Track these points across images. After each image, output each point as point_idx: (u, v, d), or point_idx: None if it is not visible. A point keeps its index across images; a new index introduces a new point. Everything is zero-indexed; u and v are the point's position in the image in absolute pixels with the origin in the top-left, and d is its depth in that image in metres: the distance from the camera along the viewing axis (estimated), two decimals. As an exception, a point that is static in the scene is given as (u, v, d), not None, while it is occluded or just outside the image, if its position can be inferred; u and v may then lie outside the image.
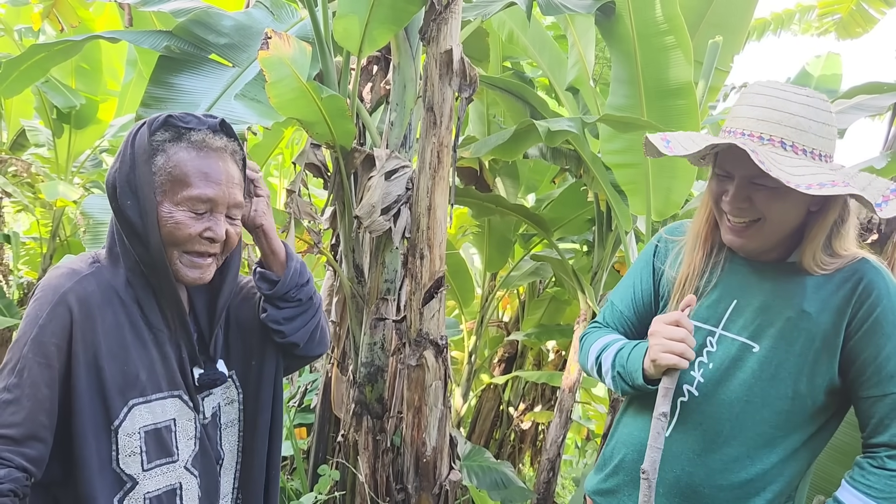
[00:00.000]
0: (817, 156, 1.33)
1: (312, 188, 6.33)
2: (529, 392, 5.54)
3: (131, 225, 1.22)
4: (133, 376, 1.22)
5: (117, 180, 1.23)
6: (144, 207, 1.21)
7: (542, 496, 4.01)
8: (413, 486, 2.94)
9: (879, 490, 1.34)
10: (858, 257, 1.41)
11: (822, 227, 1.38)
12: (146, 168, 1.21)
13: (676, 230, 1.63)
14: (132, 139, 1.24)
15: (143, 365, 1.24)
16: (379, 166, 2.93)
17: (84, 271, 1.22)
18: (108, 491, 1.20)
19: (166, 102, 2.78)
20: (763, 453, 1.42)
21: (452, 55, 2.75)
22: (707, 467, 1.44)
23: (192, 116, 1.26)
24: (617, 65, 3.37)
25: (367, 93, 3.54)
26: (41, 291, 1.19)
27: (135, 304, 1.25)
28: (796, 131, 1.32)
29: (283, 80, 2.43)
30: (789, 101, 1.34)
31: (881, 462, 1.35)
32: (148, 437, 1.24)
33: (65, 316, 1.17)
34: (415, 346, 2.88)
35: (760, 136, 1.34)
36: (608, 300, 1.73)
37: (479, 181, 4.34)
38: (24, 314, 1.19)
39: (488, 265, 4.91)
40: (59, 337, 1.16)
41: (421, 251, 2.86)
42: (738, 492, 1.43)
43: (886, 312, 1.36)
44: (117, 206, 1.23)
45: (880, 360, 1.35)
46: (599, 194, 3.97)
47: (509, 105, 4.08)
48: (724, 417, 1.44)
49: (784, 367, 1.41)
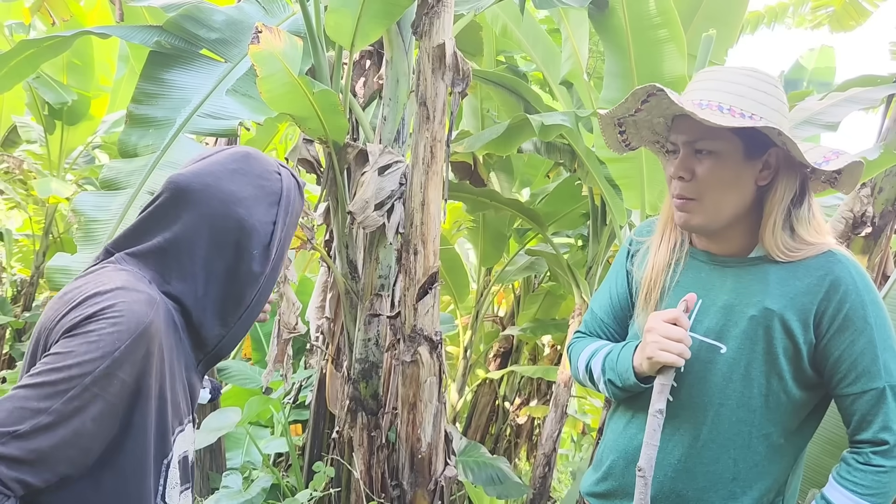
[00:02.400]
0: (757, 118, 1.31)
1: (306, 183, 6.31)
2: (525, 387, 5.54)
3: (244, 276, 1.19)
4: (177, 404, 1.15)
5: (274, 235, 1.22)
6: (276, 266, 1.22)
7: (538, 491, 4.01)
8: (408, 483, 2.94)
9: (866, 486, 1.33)
10: (825, 250, 1.38)
11: (774, 202, 1.36)
12: (293, 232, 1.25)
13: (644, 230, 1.61)
14: (292, 199, 1.25)
15: (181, 391, 1.17)
16: (372, 161, 2.91)
17: (155, 296, 1.11)
18: None
19: (157, 98, 2.77)
20: (744, 453, 1.40)
21: (445, 49, 2.74)
22: (689, 472, 1.42)
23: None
24: (610, 58, 3.36)
25: (359, 87, 3.52)
26: (121, 317, 1.03)
27: (182, 328, 1.16)
28: (734, 96, 1.32)
29: (274, 75, 2.41)
30: (732, 72, 1.36)
31: (866, 458, 1.35)
32: (180, 465, 1.18)
33: (143, 351, 1.04)
34: (409, 341, 2.87)
35: (700, 102, 1.34)
36: (589, 307, 1.72)
37: (473, 176, 4.33)
38: (89, 331, 1.02)
39: (483, 260, 4.90)
40: (130, 374, 1.03)
41: (415, 247, 2.85)
42: (723, 492, 1.41)
43: (856, 307, 1.34)
44: (241, 254, 1.18)
45: (854, 356, 1.34)
46: (594, 188, 3.97)
47: (503, 99, 4.07)
48: (700, 422, 1.42)
49: (754, 367, 1.38)
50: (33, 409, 0.97)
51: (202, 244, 1.16)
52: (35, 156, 6.02)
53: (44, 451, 0.97)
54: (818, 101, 3.67)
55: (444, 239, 4.62)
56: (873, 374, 1.34)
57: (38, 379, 1.00)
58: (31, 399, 0.98)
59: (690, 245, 1.51)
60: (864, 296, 1.36)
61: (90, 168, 5.98)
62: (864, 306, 1.35)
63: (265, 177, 1.22)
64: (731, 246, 1.45)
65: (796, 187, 1.37)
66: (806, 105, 3.67)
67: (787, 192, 1.36)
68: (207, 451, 3.70)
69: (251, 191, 1.20)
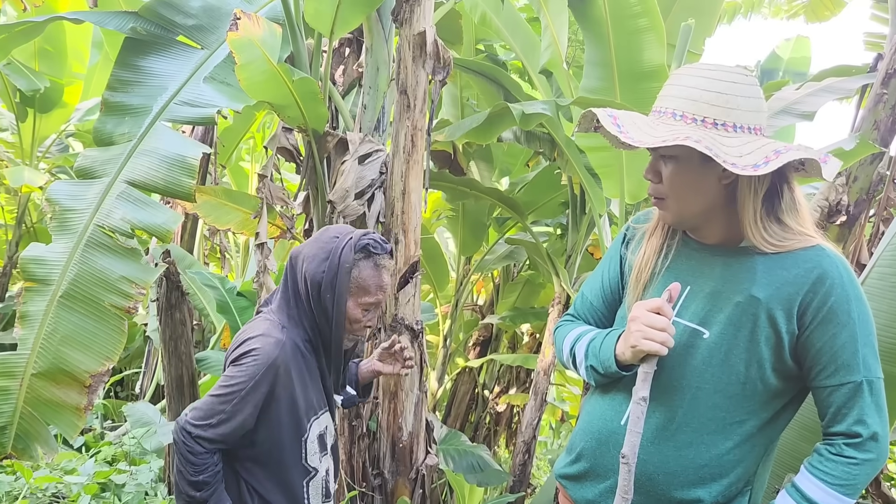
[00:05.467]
0: (747, 129, 1.35)
1: (285, 172, 6.26)
2: (504, 375, 5.57)
3: (324, 311, 1.78)
4: (311, 402, 1.82)
5: (324, 280, 1.76)
6: (339, 302, 1.76)
7: (517, 478, 4.04)
8: (389, 471, 2.95)
9: (836, 477, 1.36)
10: (813, 244, 1.40)
11: (745, 198, 1.38)
12: (346, 277, 1.76)
13: (642, 217, 1.64)
14: (340, 252, 1.76)
15: (314, 393, 1.84)
16: (352, 150, 2.90)
17: (282, 338, 1.75)
18: (300, 477, 1.82)
19: (133, 86, 2.73)
20: (717, 439, 1.42)
21: (426, 37, 2.73)
22: (661, 454, 1.44)
23: (379, 244, 1.80)
24: (590, 47, 3.36)
25: (339, 75, 3.49)
26: (261, 356, 1.71)
27: (309, 353, 1.82)
28: (689, 101, 1.36)
29: (253, 63, 2.39)
30: (695, 75, 1.38)
31: (839, 449, 1.37)
32: (319, 440, 1.85)
33: (273, 375, 1.72)
34: (390, 331, 2.87)
35: (658, 110, 1.41)
36: (580, 291, 1.74)
37: (453, 165, 4.32)
38: (244, 364, 1.72)
39: (463, 249, 4.91)
40: (267, 388, 1.72)
41: (395, 236, 2.85)
42: (693, 477, 1.43)
43: (841, 301, 1.36)
44: (318, 296, 1.77)
45: (835, 349, 1.36)
46: (573, 177, 3.98)
47: (483, 88, 4.06)
48: (676, 404, 1.44)
49: (734, 353, 1.40)
50: (218, 410, 1.71)
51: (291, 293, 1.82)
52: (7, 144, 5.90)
53: (225, 433, 1.72)
54: (794, 91, 3.71)
55: (424, 228, 4.60)
56: (852, 368, 1.36)
57: (219, 391, 1.73)
58: (215, 403, 1.72)
59: (684, 233, 1.53)
60: (850, 291, 1.38)
61: (64, 157, 5.88)
62: (849, 301, 1.37)
63: (325, 240, 1.81)
64: (716, 236, 1.47)
65: (768, 180, 1.38)
66: (782, 95, 3.71)
67: (759, 185, 1.38)
68: (187, 441, 3.67)
69: (314, 251, 1.80)
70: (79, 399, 2.36)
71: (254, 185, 5.82)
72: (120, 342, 2.39)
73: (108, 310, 2.38)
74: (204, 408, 1.73)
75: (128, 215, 2.44)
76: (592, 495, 1.55)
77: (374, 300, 1.80)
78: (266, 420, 1.75)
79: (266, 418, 1.75)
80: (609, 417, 1.53)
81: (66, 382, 2.34)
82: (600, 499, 1.52)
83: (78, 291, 2.37)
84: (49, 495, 3.51)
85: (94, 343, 2.36)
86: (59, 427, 2.38)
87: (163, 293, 3.94)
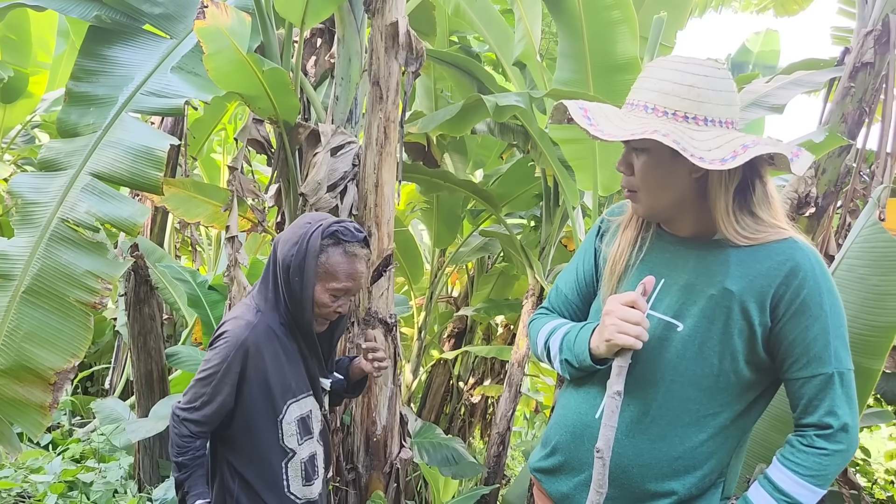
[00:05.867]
0: (718, 123, 1.35)
1: (256, 165, 6.19)
2: (479, 366, 5.57)
3: (292, 293, 1.81)
4: (288, 385, 1.85)
5: (292, 263, 1.79)
6: (306, 286, 1.79)
7: (492, 470, 4.05)
8: (363, 466, 2.93)
9: (807, 468, 1.37)
10: (786, 236, 1.40)
11: (715, 191, 1.38)
12: (313, 261, 1.78)
13: (617, 210, 1.64)
14: (308, 237, 1.79)
15: (293, 377, 1.87)
16: (324, 142, 2.86)
17: (254, 320, 1.81)
18: (278, 458, 1.85)
19: (98, 75, 2.67)
20: (691, 432, 1.43)
21: (398, 28, 2.70)
22: (635, 447, 1.44)
23: (349, 231, 1.82)
24: (563, 39, 3.36)
25: (310, 66, 3.44)
26: (230, 337, 1.79)
27: (285, 337, 1.85)
28: (660, 94, 1.36)
29: (221, 52, 2.34)
30: (667, 68, 1.37)
31: (810, 441, 1.38)
32: (299, 423, 1.87)
33: (244, 355, 1.78)
34: (364, 324, 2.85)
35: (631, 103, 1.41)
36: (555, 284, 1.73)
37: (426, 157, 4.30)
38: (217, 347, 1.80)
39: (437, 241, 4.89)
40: (239, 368, 1.78)
41: (369, 228, 2.82)
42: (667, 470, 1.44)
43: (813, 294, 1.36)
44: (287, 279, 1.80)
45: (807, 341, 1.37)
46: (547, 170, 3.98)
47: (456, 80, 4.04)
48: (650, 398, 1.44)
49: (707, 346, 1.41)
50: (200, 393, 1.80)
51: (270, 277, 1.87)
52: (-31, 135, 5.75)
53: (208, 414, 1.80)
54: (764, 84, 3.75)
55: (398, 220, 4.58)
56: (824, 360, 1.37)
57: (199, 376, 1.82)
58: (198, 387, 1.81)
59: (658, 226, 1.53)
60: (822, 283, 1.38)
61: (30, 148, 5.76)
62: (821, 293, 1.38)
63: (299, 225, 1.84)
64: (689, 229, 1.47)
65: (739, 174, 1.38)
66: (752, 88, 3.75)
67: (729, 179, 1.38)
68: (157, 438, 3.62)
69: (288, 236, 1.84)
70: (43, 397, 2.31)
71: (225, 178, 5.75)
72: (86, 338, 2.34)
73: (73, 305, 2.33)
74: (189, 392, 1.84)
75: (93, 208, 2.39)
76: (567, 489, 1.55)
77: (342, 286, 1.81)
78: (238, 400, 1.81)
79: (238, 398, 1.81)
80: (583, 411, 1.53)
81: (29, 380, 2.29)
82: (575, 492, 1.53)
83: (42, 287, 2.31)
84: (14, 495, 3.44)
85: (59, 339, 2.31)
86: (22, 426, 2.32)
87: (131, 288, 3.88)
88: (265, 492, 1.84)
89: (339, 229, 1.81)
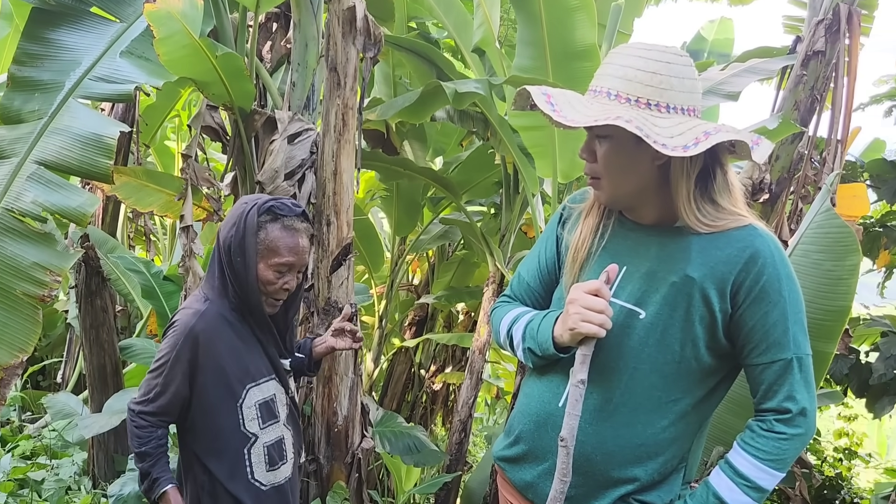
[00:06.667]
0: (680, 110, 1.36)
1: (212, 152, 6.06)
2: (440, 354, 5.58)
3: (237, 275, 1.80)
4: (246, 369, 1.84)
5: (232, 244, 1.79)
6: (248, 265, 1.78)
7: (454, 457, 4.06)
8: (325, 457, 2.91)
9: (767, 452, 1.39)
10: (746, 223, 1.42)
11: (678, 178, 1.39)
12: (252, 239, 1.78)
13: (578, 197, 1.63)
14: (245, 216, 1.79)
15: (251, 361, 1.86)
16: (281, 129, 2.81)
17: (202, 308, 1.81)
18: (240, 444, 1.83)
19: (43, 60, 2.57)
20: (653, 418, 1.44)
21: (356, 12, 2.65)
22: (598, 435, 1.45)
23: (286, 206, 1.82)
24: (522, 26, 3.34)
25: (266, 52, 3.37)
26: (179, 326, 1.79)
27: (238, 322, 1.84)
28: (623, 81, 1.36)
29: (172, 37, 2.28)
30: (629, 55, 1.38)
31: (770, 425, 1.40)
32: (261, 407, 1.86)
33: (193, 343, 1.77)
34: (323, 314, 2.82)
35: (594, 90, 1.40)
36: (517, 272, 1.73)
37: (386, 144, 4.26)
38: (167, 336, 1.81)
39: (397, 229, 4.86)
40: (189, 356, 1.77)
41: (327, 217, 2.79)
42: (630, 456, 1.45)
43: (772, 280, 1.38)
44: (229, 260, 1.80)
45: (767, 327, 1.39)
46: (507, 157, 3.98)
47: (415, 66, 4.00)
48: (613, 385, 1.45)
49: (669, 333, 1.42)
50: (153, 385, 1.81)
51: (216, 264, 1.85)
52: None
53: (163, 405, 1.80)
54: (719, 72, 3.80)
55: (358, 208, 4.53)
56: (783, 346, 1.39)
57: (151, 368, 1.82)
58: (150, 379, 1.82)
59: (620, 213, 1.53)
60: (781, 270, 1.40)
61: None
62: (780, 280, 1.39)
63: (236, 206, 1.84)
64: (651, 217, 1.48)
65: (701, 161, 1.39)
66: (708, 75, 3.79)
67: (691, 167, 1.38)
68: (111, 433, 3.53)
69: (227, 219, 1.84)
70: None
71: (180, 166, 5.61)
72: (34, 333, 2.26)
73: (20, 299, 2.25)
74: (143, 386, 1.84)
75: (39, 198, 2.31)
76: (531, 477, 1.55)
77: (284, 261, 1.80)
78: (194, 389, 1.81)
79: (194, 387, 1.81)
80: (547, 399, 1.53)
81: (-26, 377, 2.21)
82: (538, 481, 1.53)
83: (-14, 280, 2.22)
84: (-39, 494, 3.33)
85: (6, 334, 2.22)
86: (-32, 424, 2.24)
87: (82, 279, 3.77)
88: (230, 482, 1.83)
89: (275, 205, 1.81)
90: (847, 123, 3.41)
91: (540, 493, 1.51)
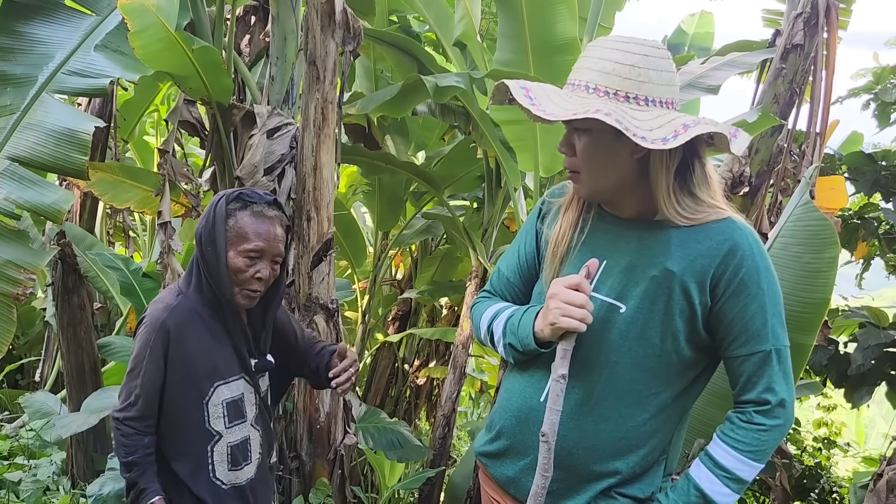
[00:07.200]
0: (659, 103, 1.35)
1: (191, 147, 6.00)
2: (424, 348, 5.57)
3: (208, 265, 1.77)
4: (215, 366, 1.81)
5: (203, 233, 1.78)
6: (218, 253, 1.75)
7: (438, 452, 4.06)
8: (307, 453, 2.89)
9: (747, 444, 1.40)
10: (724, 216, 1.42)
11: (657, 171, 1.38)
12: (222, 227, 1.76)
13: (557, 191, 1.63)
14: (215, 206, 1.78)
15: (221, 358, 1.82)
16: (260, 124, 2.78)
17: (174, 302, 1.79)
18: (204, 442, 1.80)
19: (15, 53, 2.52)
20: (634, 412, 1.44)
21: (334, 6, 2.63)
22: (580, 429, 1.45)
23: (256, 194, 1.82)
24: (503, 20, 3.33)
25: (244, 45, 3.33)
26: (149, 321, 1.77)
27: (211, 318, 1.81)
28: (602, 74, 1.35)
29: (147, 30, 2.24)
30: (608, 48, 1.37)
31: (749, 417, 1.41)
32: (227, 406, 1.82)
33: (165, 337, 1.76)
34: (304, 311, 2.80)
35: (572, 83, 1.40)
36: (497, 267, 1.72)
37: (367, 139, 4.23)
38: (138, 334, 1.79)
39: (380, 224, 4.84)
40: (161, 351, 1.76)
41: (308, 213, 2.76)
42: (611, 450, 1.45)
43: (751, 273, 1.39)
44: (201, 251, 1.78)
45: (746, 320, 1.39)
46: (489, 151, 3.97)
47: (396, 60, 3.98)
48: (594, 380, 1.45)
49: (650, 326, 1.42)
50: (132, 387, 1.77)
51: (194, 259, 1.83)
52: None
53: (147, 406, 1.77)
54: (700, 65, 3.81)
55: (340, 203, 4.51)
56: (762, 338, 1.40)
57: (128, 369, 1.79)
58: (128, 381, 1.79)
59: (599, 207, 1.53)
60: (759, 262, 1.41)
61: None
62: (759, 272, 1.40)
63: (215, 200, 1.81)
64: (630, 210, 1.48)
65: (679, 154, 1.39)
66: (688, 69, 3.80)
67: (670, 160, 1.38)
68: (90, 432, 3.49)
69: (205, 212, 1.81)
70: (-36, 394, 2.19)
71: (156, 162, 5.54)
72: (9, 331, 2.23)
73: (-7, 297, 2.21)
74: (122, 391, 1.81)
75: (12, 195, 2.27)
76: (512, 472, 1.55)
77: (253, 247, 1.75)
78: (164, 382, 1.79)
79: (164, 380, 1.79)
80: (528, 395, 1.52)
81: (-52, 377, 2.17)
82: (520, 476, 1.52)
83: (-42, 278, 2.18)
84: (-63, 496, 3.28)
85: (-21, 333, 2.19)
86: (-59, 425, 2.20)
87: (58, 277, 3.72)
88: (191, 479, 1.80)
89: (244, 192, 1.81)
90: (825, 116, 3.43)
91: (522, 489, 1.50)
